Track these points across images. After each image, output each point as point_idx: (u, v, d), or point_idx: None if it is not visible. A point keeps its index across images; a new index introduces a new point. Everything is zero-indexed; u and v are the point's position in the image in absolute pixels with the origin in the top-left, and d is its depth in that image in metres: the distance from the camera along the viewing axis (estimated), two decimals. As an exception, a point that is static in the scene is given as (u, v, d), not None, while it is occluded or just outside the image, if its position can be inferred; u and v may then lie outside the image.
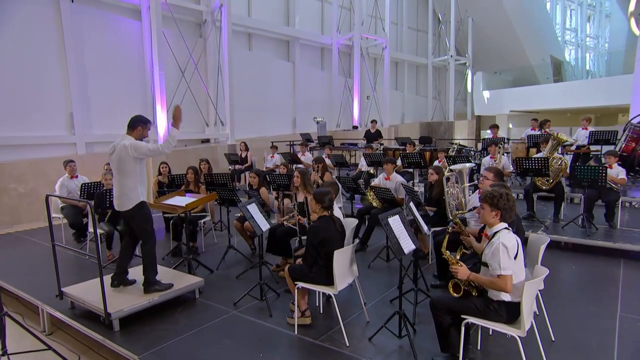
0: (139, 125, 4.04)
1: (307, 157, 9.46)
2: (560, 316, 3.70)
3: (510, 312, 2.74)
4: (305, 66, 15.73)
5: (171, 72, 11.01)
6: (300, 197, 5.06)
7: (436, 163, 7.56)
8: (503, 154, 7.18)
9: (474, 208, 3.54)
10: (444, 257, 3.09)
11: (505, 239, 2.72)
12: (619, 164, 5.97)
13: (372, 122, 11.29)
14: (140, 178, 3.95)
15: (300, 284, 3.50)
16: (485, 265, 2.82)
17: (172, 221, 5.80)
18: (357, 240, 5.66)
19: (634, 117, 8.51)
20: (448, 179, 4.72)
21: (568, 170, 6.05)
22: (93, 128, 10.23)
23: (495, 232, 2.82)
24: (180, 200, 4.51)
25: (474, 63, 21.13)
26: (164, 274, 4.46)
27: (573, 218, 6.04)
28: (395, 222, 3.22)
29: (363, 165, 8.88)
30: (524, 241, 3.25)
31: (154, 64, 10.51)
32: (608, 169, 5.58)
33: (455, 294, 2.84)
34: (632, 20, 22.42)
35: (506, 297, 2.75)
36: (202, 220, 6.00)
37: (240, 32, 13.50)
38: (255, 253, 5.61)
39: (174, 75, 11.12)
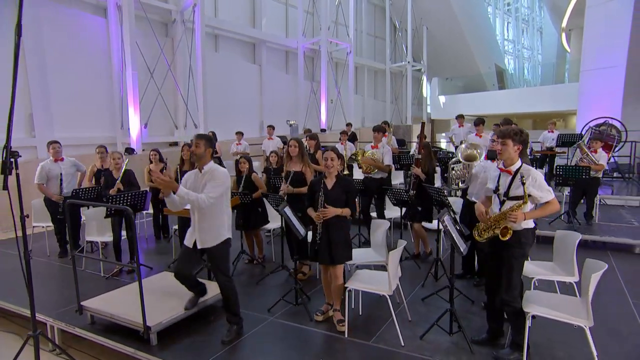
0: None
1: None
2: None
3: (533, 236, 3.07)
4: (271, 69, 15.59)
5: (139, 73, 10.43)
6: (297, 167, 4.77)
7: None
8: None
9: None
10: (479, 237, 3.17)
11: (533, 171, 2.97)
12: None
13: (347, 125, 11.42)
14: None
15: (352, 286, 3.47)
16: (512, 199, 2.96)
17: (176, 227, 5.51)
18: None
19: (591, 121, 9.36)
20: (455, 158, 4.73)
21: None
22: (55, 130, 9.44)
23: (518, 168, 2.98)
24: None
25: (429, 69, 22.06)
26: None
27: (559, 214, 6.51)
28: (449, 222, 3.29)
29: None
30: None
31: (124, 64, 9.91)
32: (593, 153, 6.11)
33: (503, 237, 2.92)
34: (563, 36, 24.62)
35: (531, 224, 3.00)
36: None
37: (207, 33, 13.10)
38: (255, 263, 5.43)
39: (141, 76, 10.54)
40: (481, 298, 4.10)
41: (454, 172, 4.52)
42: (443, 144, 17.35)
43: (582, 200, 6.43)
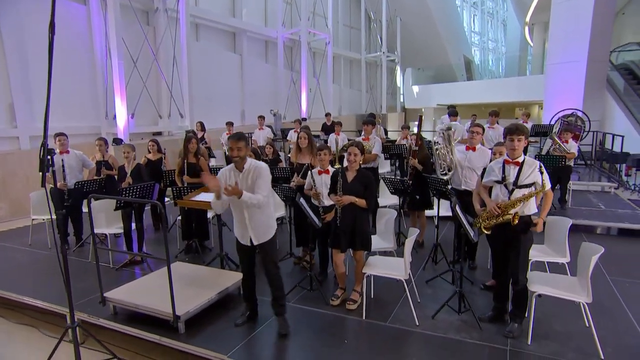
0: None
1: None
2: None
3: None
4: (252, 58, 15.40)
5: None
6: (306, 159, 4.80)
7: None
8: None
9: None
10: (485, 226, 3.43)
11: (536, 162, 3.30)
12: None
13: (326, 115, 11.49)
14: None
15: (370, 272, 3.65)
16: (521, 187, 3.23)
17: (178, 219, 5.50)
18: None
19: (559, 112, 9.87)
20: (436, 142, 4.94)
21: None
22: (37, 121, 9.07)
23: (523, 160, 3.29)
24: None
25: (402, 60, 22.35)
26: (207, 273, 4.31)
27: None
28: (459, 210, 3.50)
29: None
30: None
31: (109, 53, 9.55)
32: (564, 143, 6.52)
33: (514, 223, 3.18)
34: (526, 29, 25.45)
35: (534, 209, 3.28)
36: (210, 215, 5.75)
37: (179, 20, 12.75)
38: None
39: (124, 65, 10.19)
40: (479, 280, 4.38)
41: (438, 155, 4.69)
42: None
43: (556, 187, 6.84)
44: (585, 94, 12.21)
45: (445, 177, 4.52)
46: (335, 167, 4.13)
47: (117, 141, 9.29)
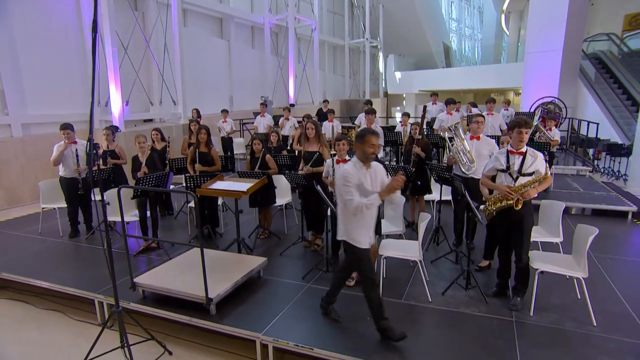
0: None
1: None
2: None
3: None
4: (239, 44, 15.20)
5: (114, 48, 9.85)
6: (313, 148, 4.95)
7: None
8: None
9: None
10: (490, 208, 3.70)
11: (537, 152, 3.59)
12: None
13: (323, 101, 11.58)
14: None
15: (387, 254, 3.88)
16: (525, 175, 3.53)
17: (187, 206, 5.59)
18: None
19: (539, 100, 10.27)
20: (451, 138, 5.07)
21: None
22: (28, 108, 8.84)
23: (526, 150, 3.58)
24: (237, 186, 4.44)
25: (385, 46, 22.44)
26: (227, 257, 4.45)
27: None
28: (468, 196, 3.76)
29: None
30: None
31: (102, 40, 9.30)
32: (548, 131, 6.89)
33: (517, 207, 3.45)
34: (503, 17, 25.88)
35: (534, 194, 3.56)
36: (220, 203, 5.85)
37: (170, 5, 12.45)
38: (266, 236, 5.63)
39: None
40: (478, 260, 4.68)
41: (458, 151, 4.72)
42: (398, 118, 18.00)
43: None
44: (561, 82, 12.69)
45: (469, 173, 4.60)
46: (332, 153, 4.22)
47: (113, 128, 9.11)
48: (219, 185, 4.60)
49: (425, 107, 5.45)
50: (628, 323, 3.47)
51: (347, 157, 4.28)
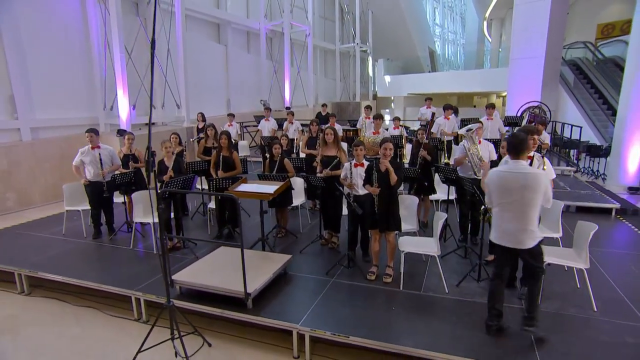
0: None
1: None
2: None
3: None
4: (236, 49, 15.33)
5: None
6: (332, 152, 5.25)
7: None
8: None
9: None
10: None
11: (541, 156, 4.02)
12: None
13: (322, 105, 11.82)
14: None
15: (407, 249, 4.17)
16: None
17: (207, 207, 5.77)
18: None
19: (525, 104, 10.75)
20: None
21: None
22: (37, 112, 8.86)
23: (533, 154, 3.96)
24: (264, 188, 4.66)
25: (374, 51, 22.83)
26: (253, 255, 4.66)
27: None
28: (483, 200, 4.08)
29: None
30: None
31: (107, 44, 9.36)
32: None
33: None
34: (485, 24, 26.57)
35: None
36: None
37: (174, 12, 12.53)
38: (283, 235, 5.85)
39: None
40: (484, 255, 5.00)
41: (472, 155, 4.97)
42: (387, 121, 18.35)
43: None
44: (543, 87, 13.24)
45: (479, 175, 4.83)
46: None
47: (121, 132, 9.21)
48: (247, 187, 4.81)
49: (433, 114, 5.77)
50: (623, 308, 3.84)
51: (363, 161, 4.55)
